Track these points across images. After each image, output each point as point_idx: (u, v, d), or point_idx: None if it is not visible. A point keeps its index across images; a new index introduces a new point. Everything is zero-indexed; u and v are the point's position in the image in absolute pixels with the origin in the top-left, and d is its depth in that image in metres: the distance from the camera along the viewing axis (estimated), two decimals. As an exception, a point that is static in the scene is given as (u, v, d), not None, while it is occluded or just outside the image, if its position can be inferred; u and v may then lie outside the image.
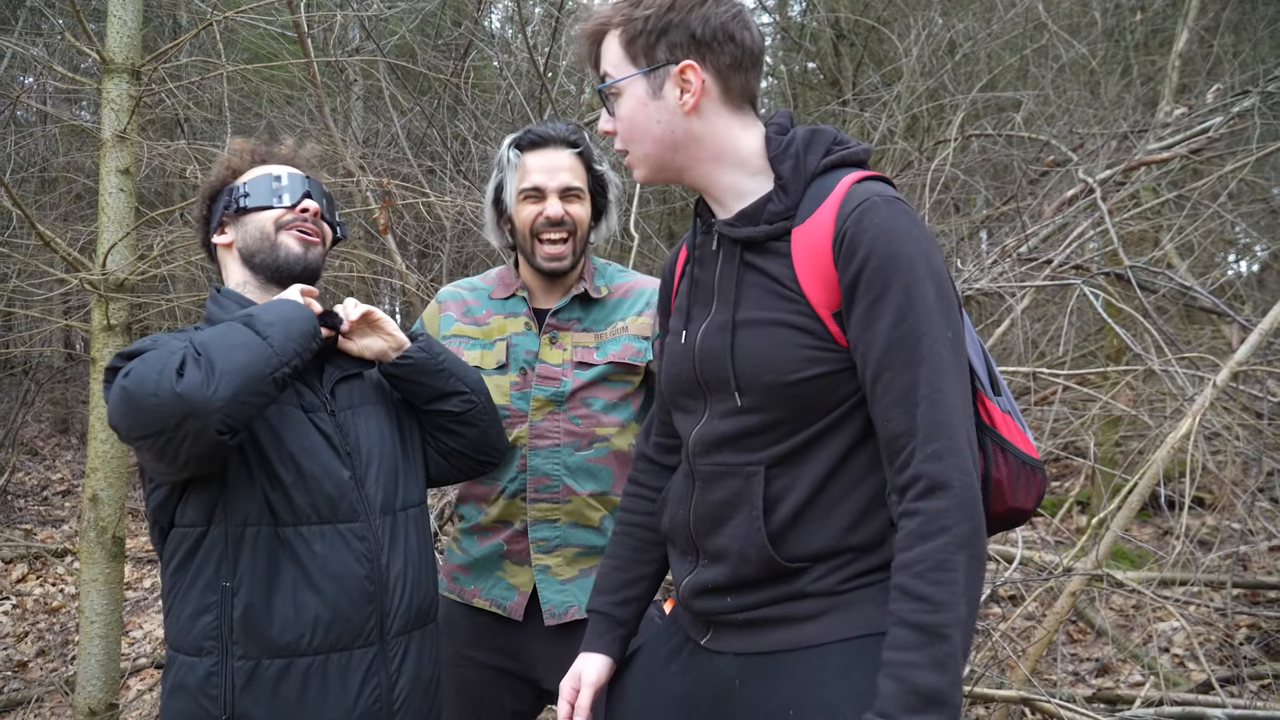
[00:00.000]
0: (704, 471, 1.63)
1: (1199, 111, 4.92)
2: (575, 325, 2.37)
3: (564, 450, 2.29)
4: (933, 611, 1.37)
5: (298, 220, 2.04)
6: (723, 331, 1.59)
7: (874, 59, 8.02)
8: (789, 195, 1.57)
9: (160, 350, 1.76)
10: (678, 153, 1.61)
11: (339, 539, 1.91)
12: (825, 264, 1.51)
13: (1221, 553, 4.26)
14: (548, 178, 2.32)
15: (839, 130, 1.67)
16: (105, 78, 3.95)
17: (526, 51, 5.14)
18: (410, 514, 2.05)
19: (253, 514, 1.87)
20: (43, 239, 3.87)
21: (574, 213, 2.33)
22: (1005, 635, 3.60)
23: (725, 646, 1.62)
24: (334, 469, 1.93)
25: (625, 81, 1.60)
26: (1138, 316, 4.08)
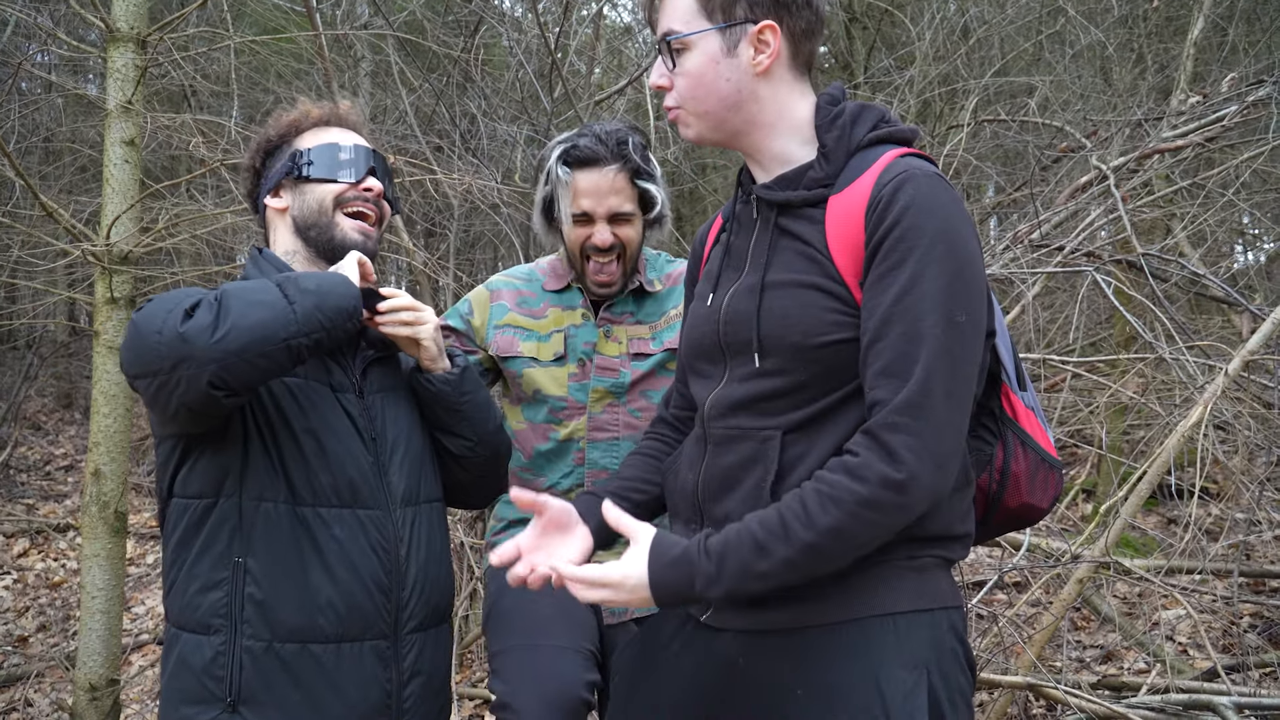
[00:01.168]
0: (717, 434, 1.61)
1: (1214, 100, 4.88)
2: (629, 319, 2.35)
3: (624, 444, 2.27)
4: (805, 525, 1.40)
5: (359, 199, 1.97)
6: (751, 294, 1.57)
7: (886, 42, 7.96)
8: (830, 164, 1.56)
9: (184, 291, 1.70)
10: (738, 113, 1.59)
11: (358, 525, 1.83)
12: (856, 231, 1.49)
13: (1228, 542, 4.25)
14: (595, 203, 2.25)
15: (888, 109, 1.66)
16: (110, 47, 3.92)
17: (538, 29, 5.10)
18: (434, 507, 1.98)
19: (270, 489, 1.79)
20: (46, 210, 3.85)
21: (623, 235, 2.28)
22: (1011, 621, 3.59)
23: (727, 623, 1.60)
24: (358, 452, 1.86)
25: (697, 36, 1.56)
26: (1149, 304, 4.05)
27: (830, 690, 1.47)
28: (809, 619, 1.52)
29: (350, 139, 2.00)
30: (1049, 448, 1.67)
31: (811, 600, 1.51)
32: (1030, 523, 1.76)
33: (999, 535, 2.15)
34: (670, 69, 1.61)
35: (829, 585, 1.50)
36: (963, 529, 1.59)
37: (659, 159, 5.41)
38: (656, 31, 1.64)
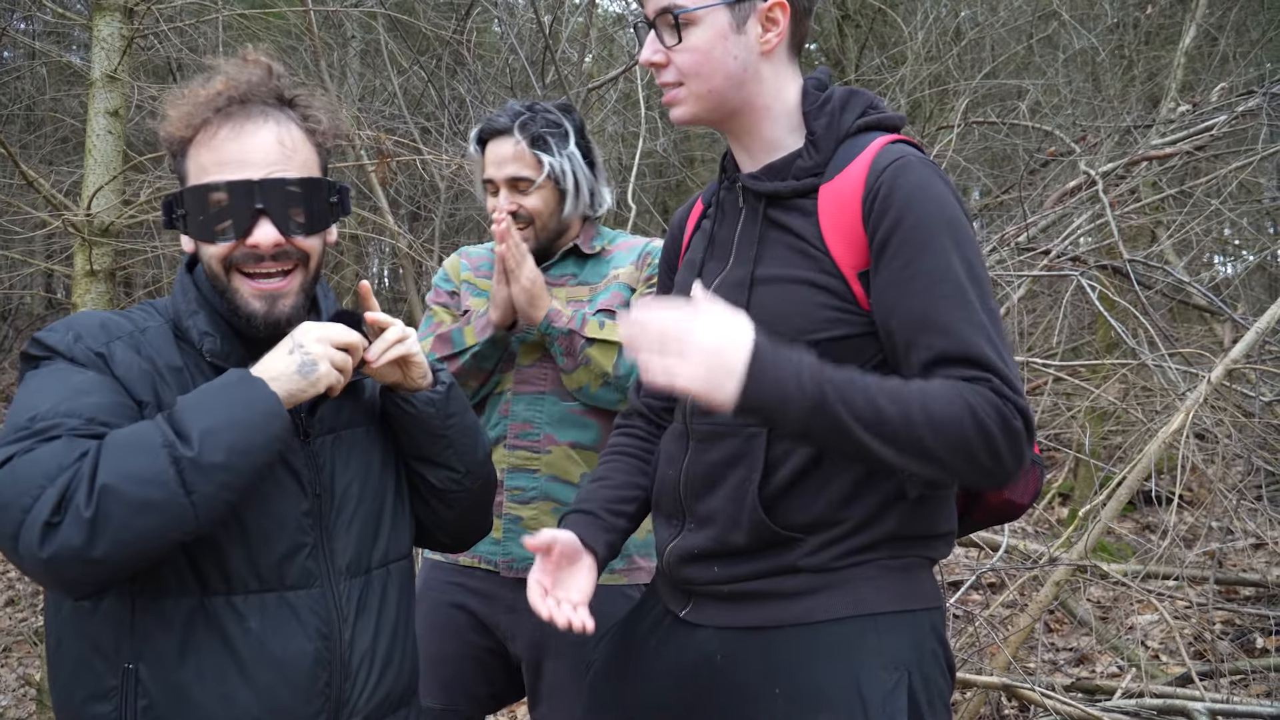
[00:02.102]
0: (701, 431, 1.58)
1: (1204, 109, 4.90)
2: (570, 280, 2.35)
3: (549, 398, 2.27)
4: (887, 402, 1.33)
5: (250, 261, 1.50)
6: (739, 288, 1.54)
7: (878, 41, 7.97)
8: (819, 151, 1.53)
9: (38, 463, 1.29)
10: (740, 92, 1.54)
11: (285, 611, 1.48)
12: (854, 222, 1.46)
13: (1203, 549, 4.29)
14: (496, 169, 2.31)
15: (876, 96, 1.63)
16: (97, 15, 3.86)
17: (533, 13, 5.06)
18: (392, 570, 1.64)
19: (173, 582, 1.44)
20: (26, 178, 3.79)
21: (527, 204, 2.28)
22: (987, 622, 3.61)
23: (707, 619, 1.57)
24: (291, 518, 1.51)
25: (705, 11, 1.50)
26: (1133, 311, 4.07)
27: (810, 690, 1.45)
28: (790, 617, 1.50)
29: (232, 165, 1.48)
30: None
31: (793, 598, 1.50)
32: (1010, 519, 1.75)
33: (977, 531, 2.14)
34: (665, 45, 1.54)
35: (813, 583, 1.49)
36: (946, 527, 1.58)
37: (646, 149, 5.39)
38: (648, 7, 1.56)
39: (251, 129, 1.49)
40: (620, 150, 6.56)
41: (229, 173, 1.47)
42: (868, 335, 1.48)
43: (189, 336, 1.53)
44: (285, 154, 1.50)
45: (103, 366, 1.45)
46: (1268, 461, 4.11)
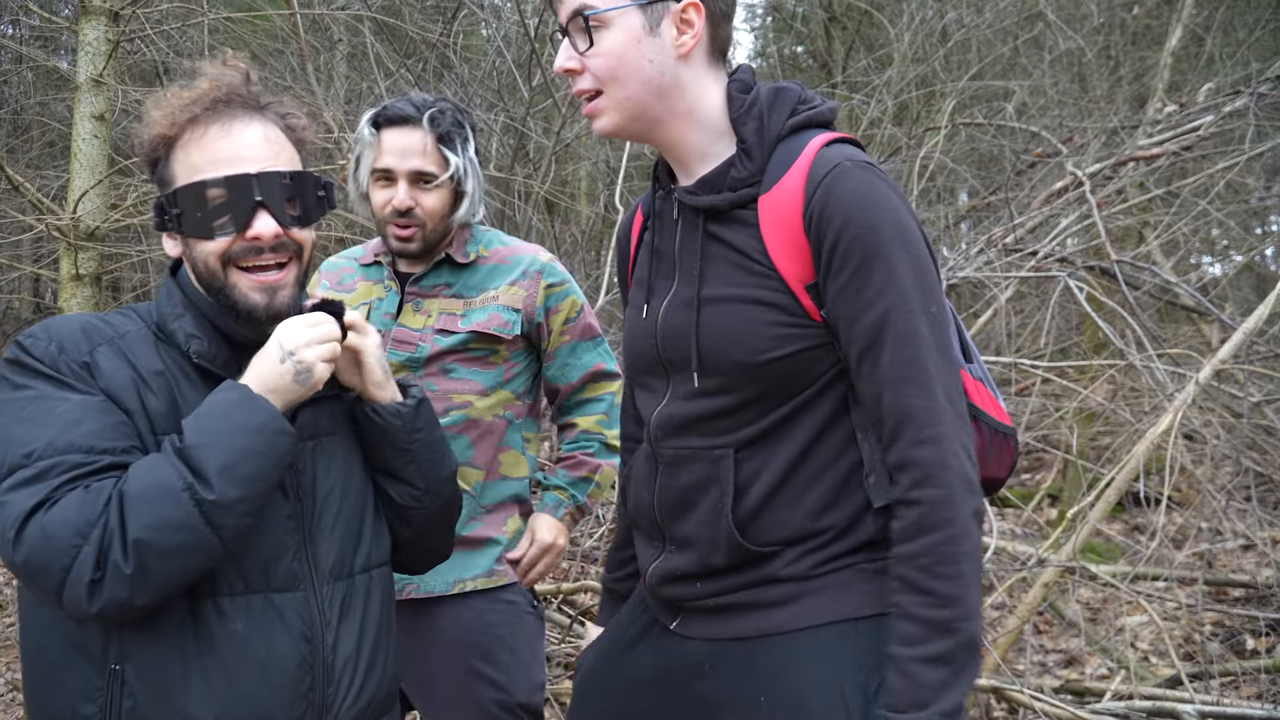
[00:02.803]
0: (667, 455, 1.57)
1: (1190, 110, 4.92)
2: (444, 291, 2.27)
3: None
4: (941, 606, 1.35)
5: (250, 254, 1.51)
6: (687, 309, 1.51)
7: (865, 43, 7.98)
8: (753, 160, 1.48)
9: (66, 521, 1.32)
10: (661, 100, 1.49)
11: (270, 613, 1.48)
12: (796, 234, 1.43)
13: (1192, 550, 4.29)
14: (398, 160, 2.18)
15: (803, 87, 1.58)
16: (82, 19, 3.84)
17: (517, 15, 5.05)
18: (374, 575, 1.64)
19: None
20: (11, 182, 3.77)
21: (425, 203, 2.20)
22: (977, 624, 3.60)
23: (695, 632, 1.57)
24: (276, 520, 1.51)
25: (615, 13, 1.45)
26: (1120, 311, 4.08)
27: (794, 697, 1.45)
28: (773, 626, 1.50)
29: (223, 152, 1.50)
30: (1001, 416, 1.63)
31: (775, 607, 1.50)
32: (991, 492, 1.74)
33: None
34: (579, 50, 1.48)
35: (793, 592, 1.49)
36: None
37: (634, 152, 5.39)
38: (561, 12, 1.50)
39: (240, 127, 1.51)
40: (608, 153, 6.55)
41: (224, 169, 1.48)
42: (821, 347, 1.46)
43: (174, 339, 1.53)
44: (274, 150, 1.53)
45: (88, 380, 1.44)
46: (1256, 462, 4.12)
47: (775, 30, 9.90)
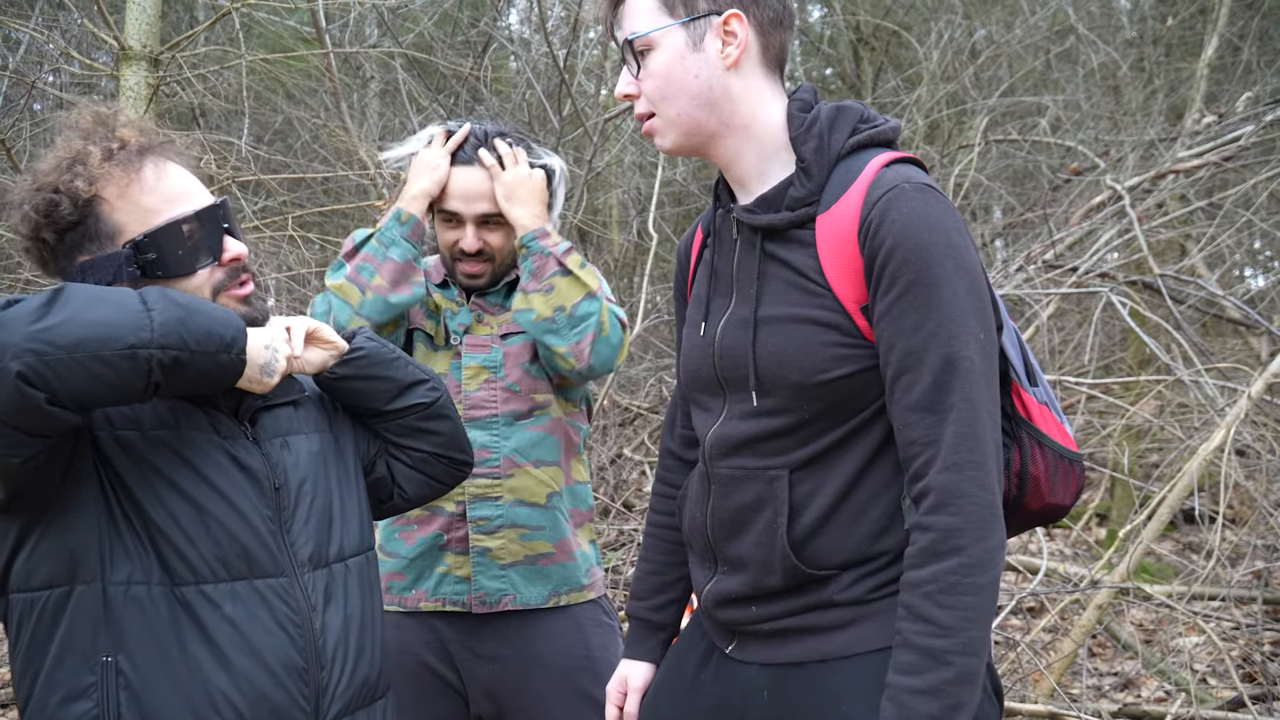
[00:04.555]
0: (721, 475, 1.56)
1: (1229, 120, 4.85)
2: (499, 311, 2.28)
3: (501, 419, 2.19)
4: (938, 635, 1.32)
5: (232, 277, 1.56)
6: (744, 328, 1.50)
7: (894, 63, 7.97)
8: (812, 179, 1.47)
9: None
10: (713, 113, 1.49)
11: (256, 599, 1.51)
12: (852, 255, 1.42)
13: (1249, 569, 4.19)
14: (464, 205, 2.18)
15: (866, 106, 1.57)
16: (123, 65, 3.93)
17: (546, 47, 5.10)
18: (351, 565, 1.68)
19: (139, 570, 1.46)
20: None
21: (492, 242, 2.21)
22: (1029, 647, 3.53)
23: (752, 656, 1.55)
24: (251, 511, 1.54)
25: (660, 33, 1.48)
26: (1165, 326, 4.01)
27: None
28: (832, 651, 1.47)
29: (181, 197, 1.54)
30: (1067, 441, 1.59)
31: (832, 632, 1.47)
32: (1054, 520, 1.69)
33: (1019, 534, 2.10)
34: (635, 74, 1.51)
35: (850, 616, 1.46)
36: None
37: (665, 178, 5.41)
38: (619, 40, 1.55)
39: (164, 164, 1.56)
40: (639, 180, 6.58)
41: (186, 205, 1.54)
42: (878, 368, 1.44)
43: None
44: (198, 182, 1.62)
45: None
46: (1312, 477, 4.01)
47: (803, 53, 9.93)
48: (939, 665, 1.31)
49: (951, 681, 1.31)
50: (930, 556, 1.35)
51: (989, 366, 1.40)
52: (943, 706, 1.31)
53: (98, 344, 1.30)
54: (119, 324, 1.32)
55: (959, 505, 1.34)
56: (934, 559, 1.34)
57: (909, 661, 1.33)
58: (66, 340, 1.29)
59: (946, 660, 1.31)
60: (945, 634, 1.32)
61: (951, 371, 1.36)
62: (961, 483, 1.35)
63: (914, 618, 1.34)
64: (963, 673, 1.32)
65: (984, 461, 1.36)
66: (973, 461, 1.35)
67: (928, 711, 1.30)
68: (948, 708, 1.31)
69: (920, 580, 1.35)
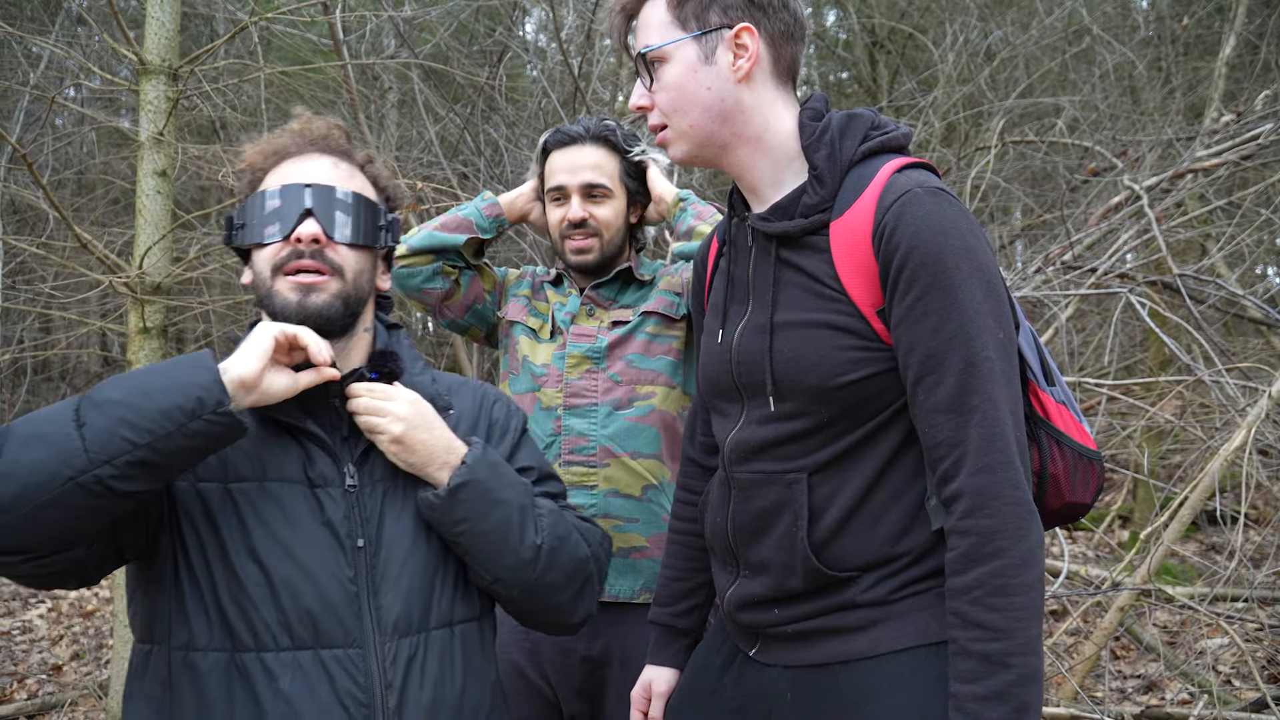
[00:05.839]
0: (741, 479, 1.57)
1: (1248, 118, 4.82)
2: (612, 305, 2.35)
3: (602, 409, 2.23)
4: (993, 639, 1.32)
5: (293, 259, 1.50)
6: (760, 334, 1.52)
7: (910, 66, 7.95)
8: (825, 186, 1.49)
9: None
10: (725, 124, 1.52)
11: (319, 672, 1.39)
12: (866, 259, 1.44)
13: (1273, 569, 4.15)
14: (569, 176, 2.28)
15: (877, 113, 1.58)
16: (143, 80, 3.97)
17: (561, 56, 5.13)
18: (458, 632, 1.52)
19: (201, 635, 1.39)
20: (80, 241, 3.89)
21: (599, 215, 2.29)
22: (1051, 650, 3.51)
23: (775, 659, 1.57)
24: (325, 571, 1.42)
25: (673, 46, 1.51)
26: (1186, 326, 3.98)
27: None
28: (852, 652, 1.48)
29: (291, 174, 1.55)
30: (1086, 440, 1.60)
31: (854, 633, 1.48)
32: (1074, 519, 1.70)
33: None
34: (649, 87, 1.54)
35: (872, 617, 1.47)
36: None
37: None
38: (632, 53, 1.58)
39: (316, 156, 1.59)
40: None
41: (286, 181, 1.55)
42: (894, 371, 1.45)
43: None
44: (342, 176, 1.58)
45: None
46: (1336, 476, 3.97)
47: (819, 57, 9.92)
48: (1000, 669, 1.32)
49: (1015, 683, 1.31)
50: (972, 561, 1.35)
51: (1009, 366, 1.41)
52: (1010, 709, 1.31)
53: (37, 490, 1.22)
54: (50, 459, 1.23)
55: (995, 507, 1.35)
56: (976, 563, 1.35)
57: (969, 669, 1.34)
58: (8, 499, 1.22)
59: (1006, 663, 1.32)
60: (1000, 637, 1.32)
61: (973, 372, 1.37)
62: (995, 484, 1.35)
63: (966, 624, 1.35)
64: (1024, 673, 1.32)
65: (1013, 460, 1.37)
66: (1003, 462, 1.36)
67: (996, 717, 1.31)
68: (1015, 710, 1.31)
69: (966, 586, 1.35)
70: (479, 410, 1.70)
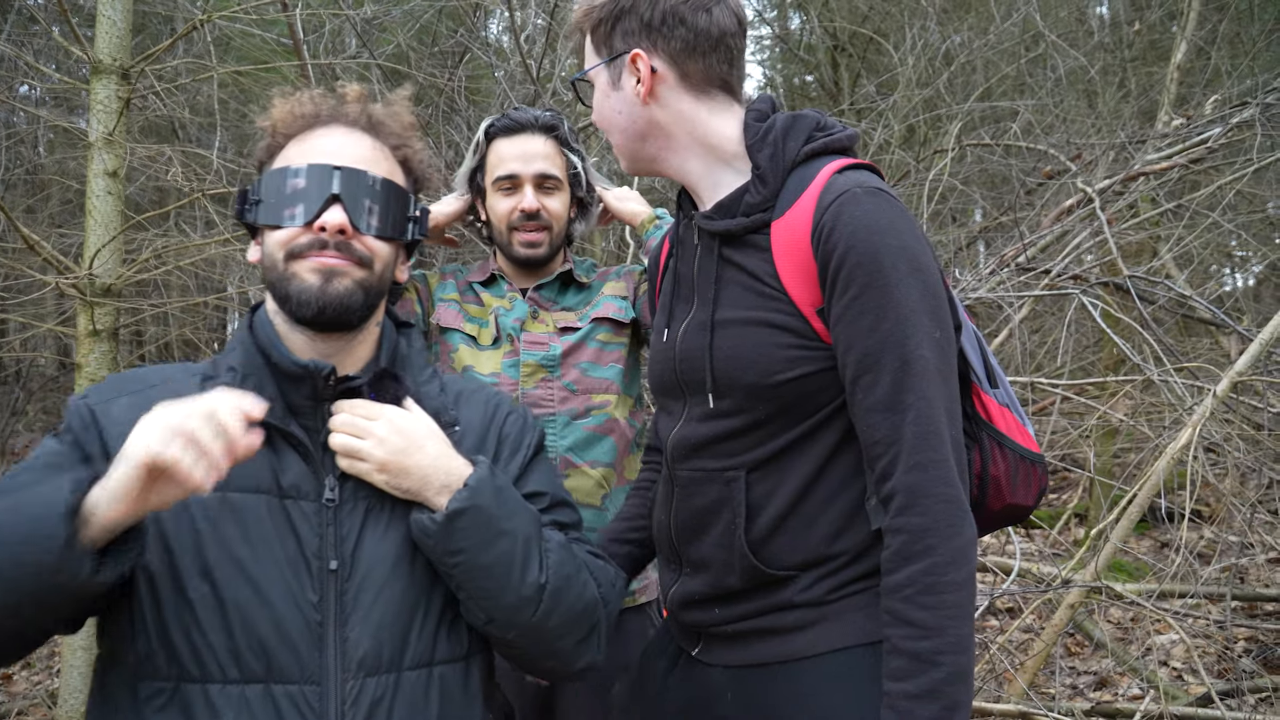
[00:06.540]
0: (682, 477, 1.58)
1: (1198, 122, 4.90)
2: (554, 306, 2.31)
3: (560, 418, 2.20)
4: (923, 637, 1.33)
5: (315, 248, 1.38)
6: (702, 331, 1.53)
7: (871, 70, 8.01)
8: (766, 186, 1.51)
9: None
10: (645, 142, 1.58)
11: (268, 709, 1.24)
12: (805, 259, 1.45)
13: (1220, 565, 4.22)
14: (523, 165, 2.23)
15: (824, 114, 1.60)
16: (94, 79, 3.92)
17: (520, 59, 5.12)
18: (436, 674, 1.35)
19: (147, 661, 1.25)
20: (26, 241, 3.82)
21: (550, 207, 2.25)
22: (1003, 648, 3.55)
23: (716, 659, 1.58)
24: (284, 595, 1.27)
25: (594, 72, 1.58)
26: (1136, 327, 4.04)
27: None
28: (793, 651, 1.49)
29: (319, 150, 1.42)
30: (1028, 443, 1.62)
31: (793, 633, 1.49)
32: (1017, 521, 1.72)
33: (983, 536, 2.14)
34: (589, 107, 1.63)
35: (810, 617, 1.48)
36: None
37: (644, 185, 5.41)
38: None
39: (344, 131, 1.46)
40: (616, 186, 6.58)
41: (313, 160, 1.41)
42: (833, 369, 1.46)
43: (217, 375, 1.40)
44: (372, 157, 1.45)
45: (84, 425, 1.35)
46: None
47: (783, 60, 9.97)
48: (930, 667, 1.32)
49: (945, 681, 1.32)
50: (903, 559, 1.36)
51: (945, 364, 1.42)
52: (941, 707, 1.32)
53: None
54: None
55: (926, 505, 1.36)
56: (907, 561, 1.36)
57: (900, 667, 1.35)
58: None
59: (936, 661, 1.32)
60: (930, 635, 1.33)
61: (908, 370, 1.38)
62: (927, 482, 1.36)
63: (898, 622, 1.36)
64: (954, 671, 1.33)
65: (946, 459, 1.38)
66: (935, 460, 1.37)
67: (927, 715, 1.32)
68: (945, 708, 1.32)
69: (898, 584, 1.36)
70: (488, 423, 1.54)
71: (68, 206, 7.43)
